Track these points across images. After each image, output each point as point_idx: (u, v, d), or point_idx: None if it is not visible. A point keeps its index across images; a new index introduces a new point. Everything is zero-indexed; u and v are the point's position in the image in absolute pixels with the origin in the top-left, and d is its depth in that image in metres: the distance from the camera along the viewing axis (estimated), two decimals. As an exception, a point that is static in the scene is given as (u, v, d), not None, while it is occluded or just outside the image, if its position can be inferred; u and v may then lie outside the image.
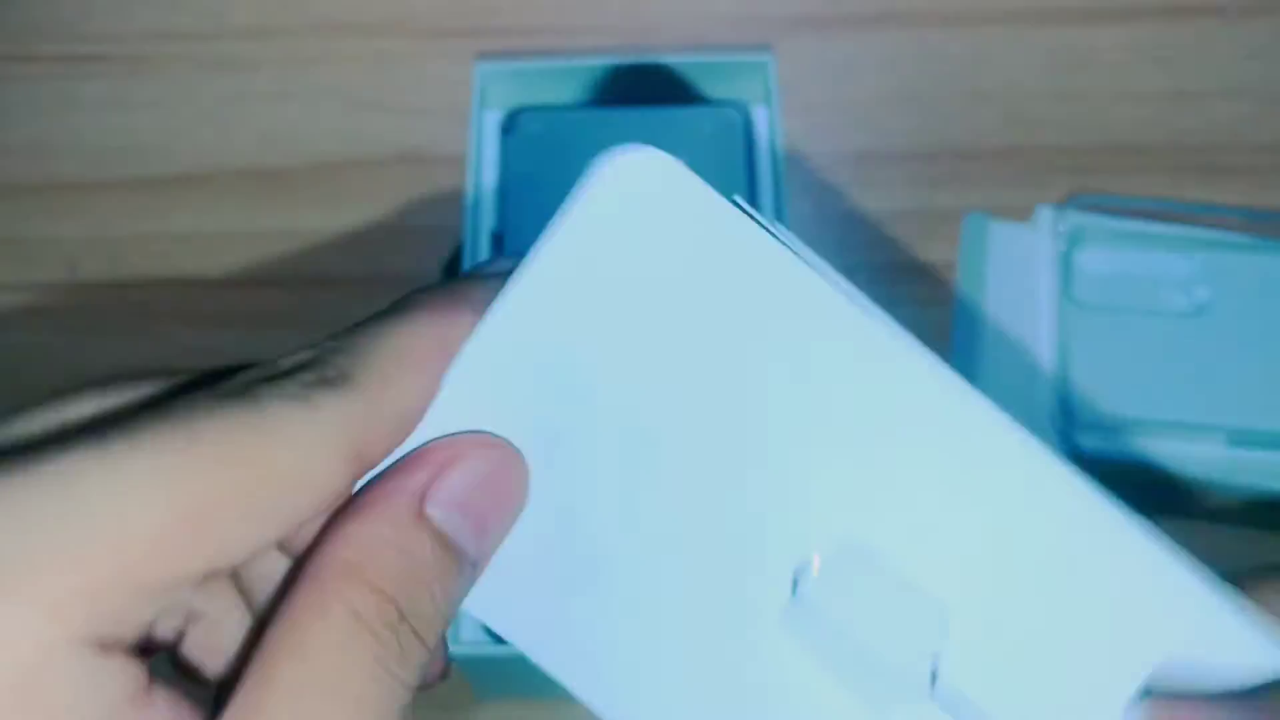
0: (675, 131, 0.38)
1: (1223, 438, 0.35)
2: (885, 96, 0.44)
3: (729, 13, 0.46)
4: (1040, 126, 0.43)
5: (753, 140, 0.38)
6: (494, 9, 0.46)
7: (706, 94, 0.39)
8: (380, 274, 0.41)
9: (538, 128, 0.38)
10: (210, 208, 0.42)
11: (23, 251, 0.41)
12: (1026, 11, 0.45)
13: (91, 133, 0.44)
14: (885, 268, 0.41)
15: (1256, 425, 0.35)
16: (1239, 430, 0.35)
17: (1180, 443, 0.35)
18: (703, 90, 0.39)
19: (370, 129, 0.43)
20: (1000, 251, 0.39)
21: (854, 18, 0.45)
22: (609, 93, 0.39)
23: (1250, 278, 0.37)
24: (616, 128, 0.38)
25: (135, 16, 0.46)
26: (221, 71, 0.45)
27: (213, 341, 0.39)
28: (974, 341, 0.38)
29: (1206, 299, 0.37)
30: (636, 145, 0.17)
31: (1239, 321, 0.37)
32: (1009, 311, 0.38)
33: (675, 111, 0.39)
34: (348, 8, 0.46)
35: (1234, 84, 0.43)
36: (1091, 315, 0.37)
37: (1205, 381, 0.36)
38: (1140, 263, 0.38)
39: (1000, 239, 0.39)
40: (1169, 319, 0.37)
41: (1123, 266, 0.37)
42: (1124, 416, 0.35)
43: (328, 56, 0.45)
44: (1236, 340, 0.36)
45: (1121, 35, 0.45)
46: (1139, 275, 0.37)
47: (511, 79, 0.38)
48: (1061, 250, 0.38)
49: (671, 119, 0.38)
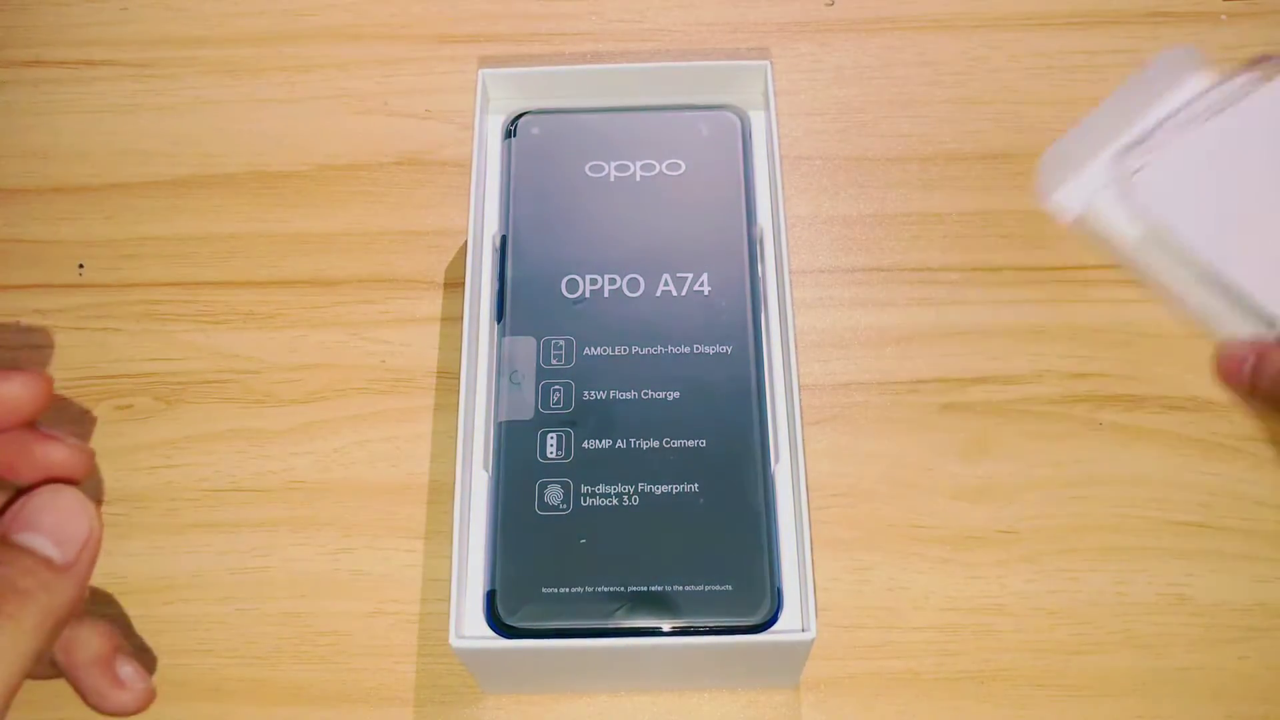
0: (674, 134, 0.38)
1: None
2: (879, 100, 0.44)
3: (726, 18, 0.46)
4: (1033, 131, 0.43)
5: (750, 144, 0.38)
6: (495, 15, 0.46)
7: (705, 99, 0.39)
8: (383, 276, 0.41)
9: (539, 130, 0.39)
10: (216, 210, 0.43)
11: (31, 252, 0.42)
12: (1019, 16, 0.46)
13: (99, 136, 0.44)
14: (881, 270, 0.41)
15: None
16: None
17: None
18: (701, 95, 0.39)
19: (373, 133, 0.44)
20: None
21: (849, 23, 0.46)
22: (610, 96, 0.39)
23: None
24: (616, 129, 0.39)
25: (142, 22, 0.46)
26: (227, 76, 0.45)
27: (218, 341, 0.40)
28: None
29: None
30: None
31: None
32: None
33: (674, 114, 0.39)
34: (352, 14, 0.47)
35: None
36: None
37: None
38: None
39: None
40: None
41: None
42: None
43: (332, 61, 0.45)
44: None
45: (1114, 39, 0.45)
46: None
47: (514, 84, 0.39)
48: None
49: (670, 121, 0.39)
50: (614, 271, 0.36)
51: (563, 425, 0.34)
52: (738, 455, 0.33)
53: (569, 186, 0.38)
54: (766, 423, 0.34)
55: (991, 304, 0.40)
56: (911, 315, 0.40)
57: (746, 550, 0.32)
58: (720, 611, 0.31)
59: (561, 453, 0.33)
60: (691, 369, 0.34)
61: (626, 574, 0.31)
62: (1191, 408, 0.38)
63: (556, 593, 0.31)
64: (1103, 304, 0.40)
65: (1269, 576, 0.35)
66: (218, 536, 0.37)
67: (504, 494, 0.33)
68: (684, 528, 0.32)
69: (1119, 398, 0.38)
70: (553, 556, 0.32)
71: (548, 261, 0.36)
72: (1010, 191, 0.42)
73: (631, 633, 0.31)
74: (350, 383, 0.39)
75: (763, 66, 0.39)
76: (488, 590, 0.31)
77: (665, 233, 0.37)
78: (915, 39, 0.45)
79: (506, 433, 0.33)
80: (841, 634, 0.35)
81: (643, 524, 0.32)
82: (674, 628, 0.31)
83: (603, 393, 0.34)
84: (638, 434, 0.33)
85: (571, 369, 0.34)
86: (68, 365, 0.40)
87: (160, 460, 0.38)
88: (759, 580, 0.31)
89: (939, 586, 0.35)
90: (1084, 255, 0.41)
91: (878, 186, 0.43)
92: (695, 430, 0.33)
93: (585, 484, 0.33)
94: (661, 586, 0.31)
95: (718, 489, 0.33)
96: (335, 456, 0.38)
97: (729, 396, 0.34)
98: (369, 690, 0.34)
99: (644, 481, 0.33)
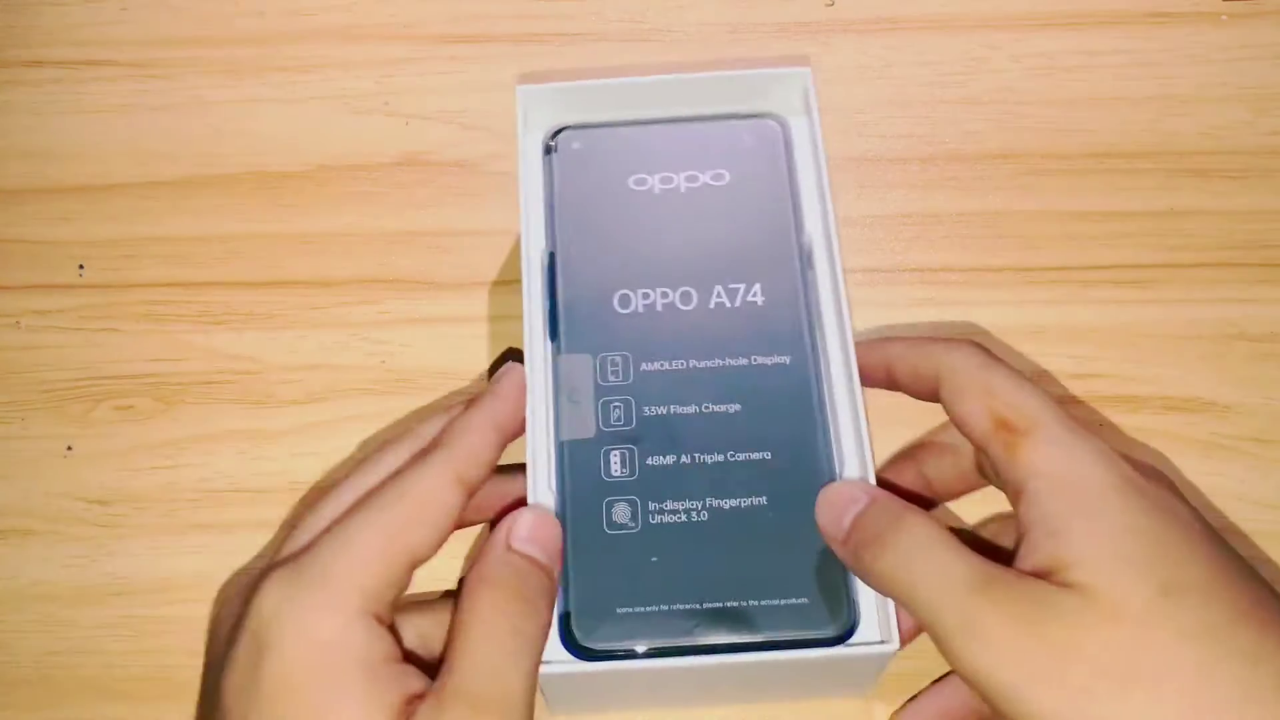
0: (716, 143, 0.38)
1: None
2: (879, 101, 0.44)
3: (726, 19, 0.46)
4: (1033, 131, 0.43)
5: (793, 151, 0.38)
6: (495, 15, 0.46)
7: (737, 108, 0.39)
8: (384, 276, 0.41)
9: (580, 144, 0.38)
10: (216, 210, 0.43)
11: (32, 253, 0.42)
12: (1019, 16, 0.46)
13: (98, 137, 0.44)
14: (881, 270, 0.41)
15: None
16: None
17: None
18: (733, 104, 0.39)
19: (374, 133, 0.44)
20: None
21: (849, 23, 0.46)
22: (648, 108, 0.39)
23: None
24: (658, 140, 0.38)
25: (142, 23, 0.46)
26: (227, 76, 0.45)
27: (218, 342, 0.40)
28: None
29: None
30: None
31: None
32: None
33: (715, 124, 0.39)
34: (352, 14, 0.47)
35: (1226, 88, 0.44)
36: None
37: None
38: None
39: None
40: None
41: None
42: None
43: (332, 61, 0.45)
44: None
45: (1114, 39, 0.45)
46: None
47: (552, 99, 0.38)
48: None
49: (712, 131, 0.39)
50: (666, 285, 0.35)
51: (625, 442, 0.33)
52: (804, 466, 0.33)
53: (614, 200, 0.37)
54: (830, 431, 0.33)
55: (991, 305, 0.40)
56: (911, 316, 0.40)
57: (820, 562, 0.31)
58: (798, 624, 0.31)
59: (626, 470, 0.33)
60: (751, 380, 0.34)
61: (700, 590, 0.31)
62: (1192, 409, 0.38)
63: (632, 612, 0.31)
64: (1103, 304, 0.40)
65: (1269, 579, 0.35)
66: (218, 537, 0.37)
67: (571, 514, 0.32)
68: (755, 541, 0.32)
69: (1119, 398, 0.38)
70: (625, 576, 0.31)
71: (598, 277, 0.36)
72: (1010, 192, 0.42)
73: (710, 650, 0.30)
74: (350, 383, 0.39)
75: (803, 73, 0.38)
76: (562, 612, 0.31)
77: (714, 244, 0.36)
78: (915, 39, 0.45)
79: (570, 452, 0.33)
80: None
81: (713, 539, 0.32)
82: (752, 642, 0.30)
83: (663, 408, 0.34)
84: (701, 448, 0.33)
85: (630, 385, 0.34)
86: (68, 365, 0.40)
87: (160, 460, 0.38)
88: (834, 591, 0.31)
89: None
90: (1084, 256, 0.41)
91: (878, 187, 0.43)
92: (759, 442, 0.33)
93: (653, 501, 0.32)
94: (737, 602, 0.31)
95: (786, 501, 0.32)
96: (335, 457, 0.38)
97: (790, 407, 0.33)
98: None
99: (711, 496, 0.32)
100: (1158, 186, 0.42)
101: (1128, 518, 0.26)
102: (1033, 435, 0.28)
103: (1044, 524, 0.27)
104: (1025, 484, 0.28)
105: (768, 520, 0.32)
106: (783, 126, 0.38)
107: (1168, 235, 0.41)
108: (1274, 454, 0.37)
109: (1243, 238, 0.41)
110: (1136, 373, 0.39)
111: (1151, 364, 0.39)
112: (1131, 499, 0.27)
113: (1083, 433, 0.28)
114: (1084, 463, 0.27)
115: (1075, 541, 0.26)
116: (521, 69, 0.45)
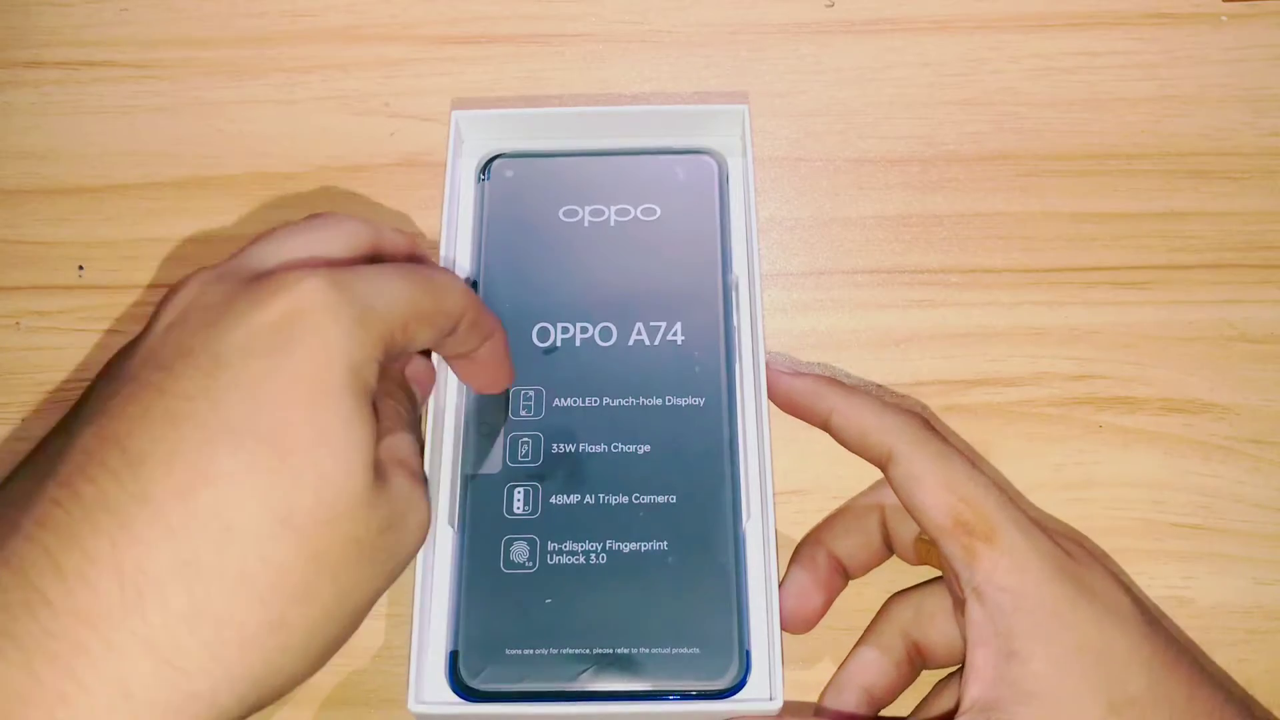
0: (649, 178, 0.38)
1: None
2: (879, 102, 0.44)
3: (726, 19, 0.46)
4: (1033, 132, 0.43)
5: (727, 189, 0.38)
6: (495, 16, 0.46)
7: (682, 142, 0.39)
8: (383, 277, 0.41)
9: (513, 173, 0.38)
10: (215, 211, 0.43)
11: (32, 254, 0.42)
12: (1019, 18, 0.46)
13: (99, 137, 0.44)
14: (881, 271, 0.41)
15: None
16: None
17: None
18: (679, 138, 0.39)
19: (372, 134, 0.44)
20: None
21: (849, 23, 0.46)
22: (587, 138, 0.39)
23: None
24: (591, 172, 0.38)
25: (142, 23, 0.46)
26: (227, 77, 0.45)
27: (218, 343, 0.40)
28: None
29: None
30: None
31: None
32: None
33: (650, 158, 0.38)
34: (352, 14, 0.47)
35: (1226, 89, 0.44)
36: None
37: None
38: None
39: None
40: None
41: None
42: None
43: (332, 62, 0.45)
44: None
45: (1114, 40, 0.45)
46: None
47: (488, 126, 0.38)
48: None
49: (646, 165, 0.38)
50: (586, 320, 0.35)
51: (530, 479, 0.33)
52: (708, 512, 0.32)
53: (542, 231, 0.37)
54: (739, 478, 0.33)
55: (991, 306, 0.40)
56: (911, 317, 0.40)
57: (715, 612, 0.31)
58: (687, 675, 0.30)
59: (529, 508, 0.32)
60: (663, 421, 0.34)
61: (592, 635, 0.31)
62: (1191, 410, 0.38)
63: (521, 654, 0.31)
64: (1103, 306, 0.40)
65: (1269, 579, 0.35)
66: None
67: (469, 551, 0.32)
68: (652, 587, 0.31)
69: (1118, 400, 0.38)
70: (518, 617, 0.31)
71: (519, 308, 0.35)
72: (1010, 193, 0.42)
73: (596, 696, 0.30)
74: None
75: (740, 110, 0.38)
76: (450, 651, 0.31)
77: (639, 280, 0.36)
78: (915, 40, 0.45)
79: (474, 487, 0.33)
80: (841, 636, 0.35)
81: (610, 583, 0.31)
82: (639, 691, 0.30)
83: (572, 446, 0.33)
84: (607, 489, 0.33)
85: (540, 420, 0.34)
86: (68, 366, 0.40)
87: (160, 462, 0.38)
88: (727, 643, 0.31)
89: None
90: (1084, 257, 0.41)
91: (878, 188, 0.43)
92: (665, 485, 0.33)
93: (553, 540, 0.32)
94: (628, 649, 0.31)
95: (687, 547, 0.32)
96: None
97: (700, 450, 0.33)
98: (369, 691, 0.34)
99: (612, 539, 0.32)
100: (1158, 187, 0.42)
101: (1078, 633, 0.28)
102: (992, 543, 0.29)
103: (1004, 641, 0.28)
104: (983, 590, 0.29)
105: (666, 566, 0.32)
106: (719, 163, 0.38)
107: (1168, 236, 0.41)
108: (1273, 455, 0.37)
109: (1242, 239, 0.41)
110: (1136, 374, 0.39)
111: (1151, 365, 0.39)
112: (1081, 610, 0.28)
113: (1032, 533, 0.30)
114: (1039, 577, 0.29)
115: (1035, 666, 0.28)
116: (522, 69, 0.45)
